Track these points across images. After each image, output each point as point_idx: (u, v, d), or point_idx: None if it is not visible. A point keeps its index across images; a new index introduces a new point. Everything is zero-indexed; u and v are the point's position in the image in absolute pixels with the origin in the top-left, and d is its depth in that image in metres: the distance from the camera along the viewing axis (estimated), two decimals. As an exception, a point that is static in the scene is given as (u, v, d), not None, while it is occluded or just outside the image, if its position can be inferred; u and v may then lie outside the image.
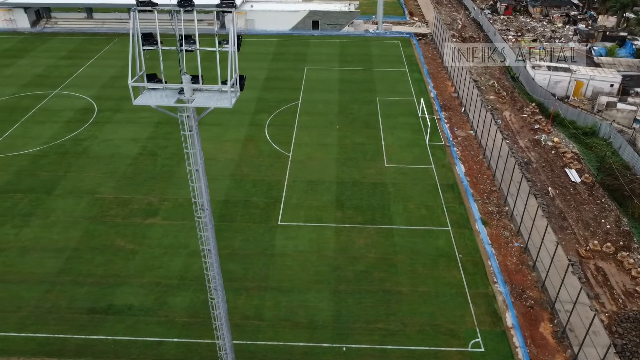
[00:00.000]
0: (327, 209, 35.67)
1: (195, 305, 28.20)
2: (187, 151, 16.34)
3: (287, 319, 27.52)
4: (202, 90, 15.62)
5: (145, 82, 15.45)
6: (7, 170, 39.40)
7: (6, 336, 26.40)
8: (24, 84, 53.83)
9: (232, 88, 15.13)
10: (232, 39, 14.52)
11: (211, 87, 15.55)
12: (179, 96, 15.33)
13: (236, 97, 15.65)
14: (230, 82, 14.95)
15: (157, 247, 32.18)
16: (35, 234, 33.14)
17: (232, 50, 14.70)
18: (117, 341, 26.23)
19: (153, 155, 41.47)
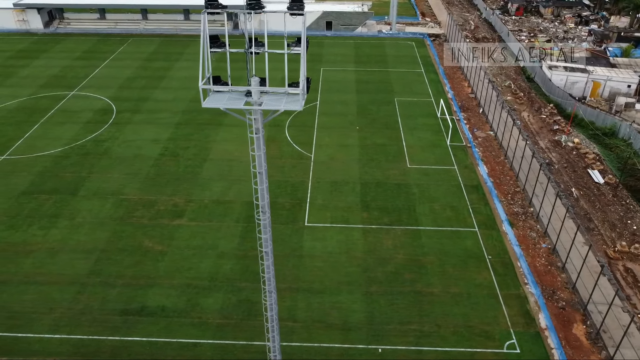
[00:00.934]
0: (353, 210, 35.67)
1: (227, 307, 28.18)
2: (252, 153, 16.28)
3: (320, 320, 27.52)
4: (269, 92, 15.50)
5: (211, 85, 15.36)
6: (30, 171, 39.39)
7: (41, 337, 26.41)
8: (41, 84, 53.83)
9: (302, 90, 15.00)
10: (304, 42, 14.46)
11: (278, 89, 15.47)
12: (246, 98, 15.26)
13: (304, 100, 15.59)
14: (302, 85, 14.86)
15: (185, 249, 32.17)
16: (62, 235, 33.14)
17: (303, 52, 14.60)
18: (152, 343, 26.22)
19: (175, 156, 41.46)
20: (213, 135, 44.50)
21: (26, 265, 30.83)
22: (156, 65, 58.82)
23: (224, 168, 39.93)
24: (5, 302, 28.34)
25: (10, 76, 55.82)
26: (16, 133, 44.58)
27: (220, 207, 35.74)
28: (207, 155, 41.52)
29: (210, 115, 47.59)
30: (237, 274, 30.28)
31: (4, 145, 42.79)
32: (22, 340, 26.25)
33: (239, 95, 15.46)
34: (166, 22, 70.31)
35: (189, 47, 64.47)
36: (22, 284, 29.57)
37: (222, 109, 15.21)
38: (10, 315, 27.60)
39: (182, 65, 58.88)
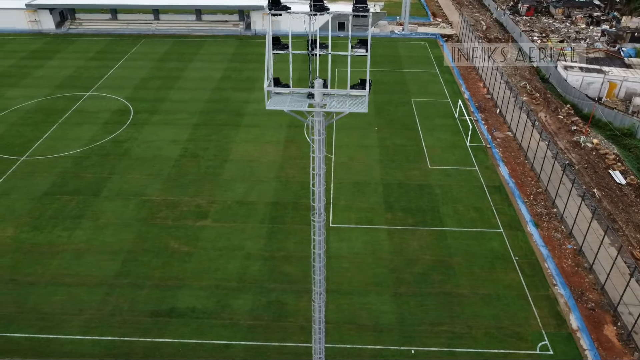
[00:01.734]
0: (377, 210, 35.63)
1: (258, 308, 28.12)
2: (313, 155, 16.19)
3: (351, 321, 27.47)
4: (331, 94, 15.41)
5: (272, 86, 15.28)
6: (51, 172, 39.35)
7: (72, 339, 26.35)
8: (56, 85, 53.79)
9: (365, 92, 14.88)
10: (369, 44, 14.38)
11: (340, 91, 15.40)
12: (307, 100, 15.18)
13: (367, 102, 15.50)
14: (368, 87, 14.78)
15: (211, 250, 32.12)
16: (87, 237, 33.08)
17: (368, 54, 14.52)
18: (184, 344, 26.16)
19: (195, 157, 41.40)
20: (232, 136, 44.45)
21: (53, 266, 30.79)
22: (170, 65, 58.78)
23: (245, 169, 39.87)
24: (34, 303, 28.29)
25: (25, 77, 55.78)
26: (35, 134, 44.54)
27: (243, 208, 35.69)
28: (227, 156, 41.46)
29: (228, 116, 47.58)
30: (265, 275, 30.22)
31: (23, 146, 42.75)
32: (54, 342, 26.21)
33: (301, 97, 15.35)
34: (178, 23, 70.25)
35: (202, 47, 64.42)
36: (49, 285, 29.53)
37: (286, 110, 15.11)
38: (40, 316, 27.56)
39: (196, 65, 58.82)
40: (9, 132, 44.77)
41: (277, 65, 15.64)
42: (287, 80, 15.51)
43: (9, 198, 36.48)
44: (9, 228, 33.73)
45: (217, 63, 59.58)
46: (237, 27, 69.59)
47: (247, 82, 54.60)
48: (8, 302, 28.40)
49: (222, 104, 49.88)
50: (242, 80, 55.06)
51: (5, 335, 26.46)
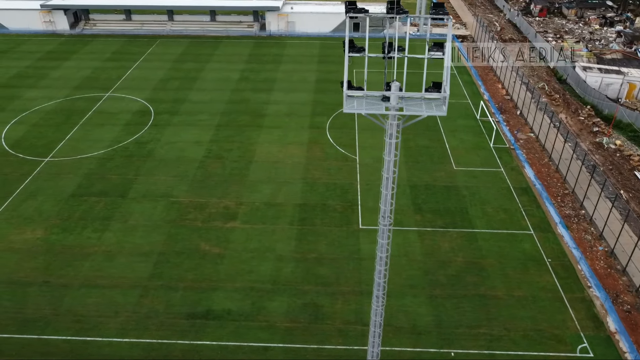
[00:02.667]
0: (405, 212, 35.54)
1: (293, 310, 28.03)
2: (387, 158, 16.08)
3: (388, 324, 27.30)
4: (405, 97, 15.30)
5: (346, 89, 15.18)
6: (77, 174, 39.26)
7: (110, 341, 26.26)
8: (74, 86, 53.69)
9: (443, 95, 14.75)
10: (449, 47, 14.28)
11: (414, 94, 15.30)
12: (384, 104, 15.07)
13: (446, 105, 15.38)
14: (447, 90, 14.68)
15: (243, 251, 32.02)
16: (117, 238, 32.99)
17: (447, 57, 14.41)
18: (222, 347, 26.08)
19: (220, 158, 41.31)
20: (254, 137, 44.36)
21: (85, 268, 30.69)
22: (187, 66, 58.69)
23: (270, 170, 39.78)
24: (69, 305, 28.21)
25: (43, 77, 55.70)
26: (57, 135, 44.44)
27: (271, 209, 35.60)
28: (251, 158, 41.37)
29: (249, 117, 47.51)
30: (298, 277, 30.13)
31: (47, 147, 42.66)
32: (92, 344, 26.12)
33: (375, 100, 15.25)
34: (192, 23, 70.18)
35: (217, 48, 64.36)
36: (83, 287, 29.44)
37: (364, 114, 15.03)
38: (76, 319, 27.47)
39: (213, 66, 58.74)
40: (31, 133, 44.68)
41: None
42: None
43: (36, 199, 36.40)
44: (39, 229, 33.65)
45: (234, 64, 59.48)
46: (252, 28, 69.52)
47: (266, 83, 54.50)
48: (43, 304, 28.32)
49: (242, 105, 49.79)
50: (260, 81, 54.96)
51: (43, 338, 26.38)
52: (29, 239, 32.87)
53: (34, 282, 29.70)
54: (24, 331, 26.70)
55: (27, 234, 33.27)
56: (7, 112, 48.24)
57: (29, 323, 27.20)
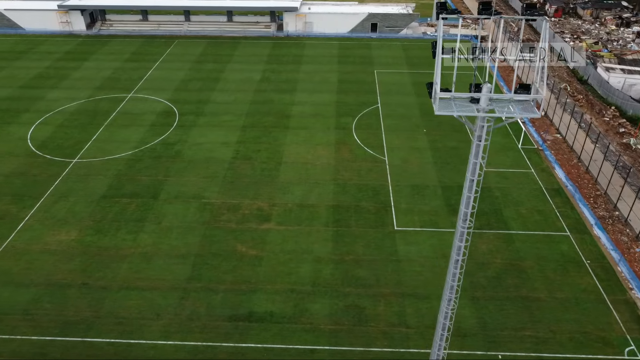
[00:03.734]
0: (439, 213, 35.39)
1: (336, 313, 27.86)
2: (473, 160, 15.89)
3: (432, 326, 27.05)
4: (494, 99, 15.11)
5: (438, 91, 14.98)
6: (106, 175, 39.11)
7: (155, 344, 26.10)
8: (96, 87, 53.55)
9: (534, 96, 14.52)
10: (546, 48, 14.09)
11: (504, 96, 15.12)
12: (474, 105, 14.89)
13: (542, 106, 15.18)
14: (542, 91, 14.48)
15: (280, 253, 31.87)
16: (153, 240, 32.84)
17: (544, 58, 14.21)
18: (268, 349, 25.93)
19: (248, 159, 41.16)
20: (281, 138, 44.21)
21: (123, 270, 30.54)
22: (208, 67, 58.56)
23: (300, 171, 39.62)
24: (110, 307, 28.06)
25: (64, 78, 55.56)
26: (83, 136, 44.29)
27: (305, 211, 35.44)
28: (280, 159, 41.20)
29: (274, 118, 47.36)
30: (338, 279, 29.97)
31: (73, 148, 42.51)
32: (136, 347, 25.97)
33: (463, 102, 15.07)
34: (209, 24, 70.02)
35: (236, 49, 64.20)
36: (122, 289, 29.29)
37: (455, 116, 14.87)
38: (118, 321, 27.32)
39: (234, 67, 58.58)
40: (57, 134, 44.53)
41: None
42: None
43: (68, 201, 36.25)
44: (73, 231, 33.49)
45: (254, 64, 59.33)
46: (269, 28, 69.38)
47: (288, 84, 54.35)
48: (83, 306, 28.17)
49: (266, 106, 49.64)
50: (282, 82, 54.81)
51: (87, 341, 26.23)
52: (63, 241, 32.72)
53: (73, 284, 29.56)
54: (66, 333, 26.56)
55: (62, 236, 33.13)
56: (31, 113, 48.10)
57: (71, 325, 27.06)
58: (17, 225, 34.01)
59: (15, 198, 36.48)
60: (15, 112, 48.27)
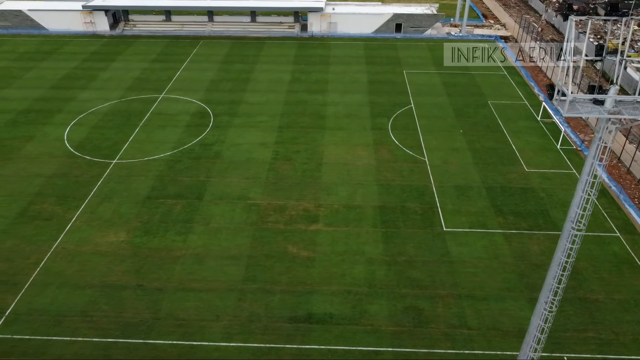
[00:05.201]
0: (487, 214, 35.28)
1: (396, 314, 27.77)
2: (592, 161, 15.74)
3: (494, 327, 27.12)
4: (618, 101, 14.97)
5: (570, 94, 14.79)
6: (148, 176, 39.02)
7: (217, 346, 26.02)
8: (126, 87, 53.47)
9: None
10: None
11: (628, 97, 14.99)
12: (599, 107, 14.72)
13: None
14: None
15: (331, 254, 31.77)
16: (203, 241, 32.74)
17: None
18: (331, 351, 25.83)
19: (289, 160, 41.06)
20: (319, 139, 44.11)
21: (176, 271, 30.46)
22: (236, 67, 58.46)
23: (342, 172, 39.52)
24: (169, 309, 27.97)
25: (93, 79, 55.46)
26: (119, 137, 44.20)
27: (351, 212, 35.35)
28: (320, 160, 41.11)
29: (310, 119, 47.28)
30: (393, 281, 29.87)
31: (112, 148, 42.42)
32: (199, 349, 25.88)
33: (584, 104, 14.90)
34: (233, 24, 69.92)
35: (262, 49, 64.10)
36: (178, 290, 29.20)
37: (584, 118, 14.73)
38: (178, 323, 27.24)
39: (261, 67, 58.50)
40: (93, 135, 44.44)
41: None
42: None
43: (112, 202, 36.16)
44: (121, 232, 33.41)
45: (281, 65, 59.24)
46: (293, 29, 69.29)
47: (318, 85, 54.26)
48: (141, 308, 28.08)
49: (300, 107, 49.55)
50: (313, 83, 54.72)
51: (149, 342, 26.15)
52: (113, 242, 32.64)
53: (128, 286, 29.48)
54: (128, 335, 26.48)
55: (111, 237, 33.05)
56: (64, 114, 48.02)
57: (131, 327, 26.97)
58: (64, 226, 33.94)
59: (60, 199, 36.39)
60: (48, 113, 48.19)
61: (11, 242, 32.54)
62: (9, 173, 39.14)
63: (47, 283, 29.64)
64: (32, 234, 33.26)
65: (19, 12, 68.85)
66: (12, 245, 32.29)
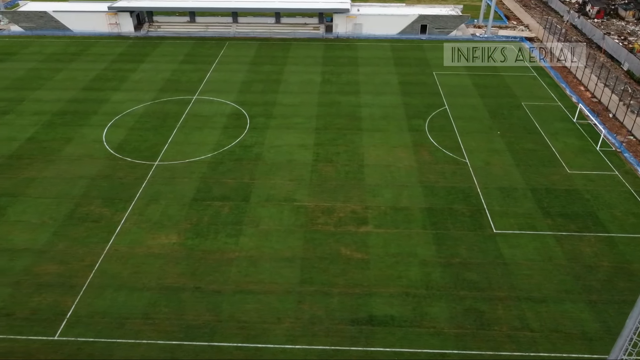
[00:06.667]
0: (534, 216, 35.28)
1: (457, 316, 27.79)
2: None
3: (556, 330, 27.13)
4: None
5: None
6: (191, 177, 39.05)
7: (283, 348, 26.04)
8: (159, 88, 53.50)
9: None
10: None
11: None
12: None
13: None
14: None
15: (385, 256, 31.79)
16: (255, 243, 32.75)
17: None
18: (397, 353, 25.84)
19: (330, 162, 41.07)
20: (357, 140, 44.14)
21: (232, 274, 30.48)
22: (265, 69, 58.49)
23: (384, 174, 39.55)
24: (229, 311, 27.99)
25: (124, 80, 55.51)
26: (158, 138, 44.23)
27: (399, 213, 35.37)
28: (362, 161, 41.14)
29: (346, 120, 47.31)
30: (449, 283, 29.89)
31: (151, 150, 42.44)
32: (265, 351, 25.90)
33: None
34: (258, 26, 69.96)
35: (289, 50, 64.12)
36: (237, 293, 29.22)
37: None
38: (240, 325, 27.26)
39: (291, 69, 58.51)
40: (131, 137, 44.47)
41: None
42: None
43: (159, 204, 36.19)
44: (172, 234, 33.44)
45: (311, 66, 59.29)
46: (318, 30, 69.32)
47: (350, 86, 54.29)
48: (202, 310, 28.11)
49: (334, 108, 49.58)
50: (344, 84, 54.74)
51: (214, 345, 26.18)
52: (165, 244, 32.66)
53: (185, 288, 29.49)
54: (192, 338, 26.51)
55: (162, 239, 33.08)
56: (100, 115, 48.05)
57: (194, 329, 27.00)
58: (114, 228, 33.96)
59: (107, 201, 36.42)
60: (84, 115, 48.22)
61: (63, 245, 32.58)
62: (52, 175, 39.17)
63: (104, 285, 29.67)
64: (83, 236, 33.29)
65: (43, 13, 68.88)
66: (65, 248, 32.34)
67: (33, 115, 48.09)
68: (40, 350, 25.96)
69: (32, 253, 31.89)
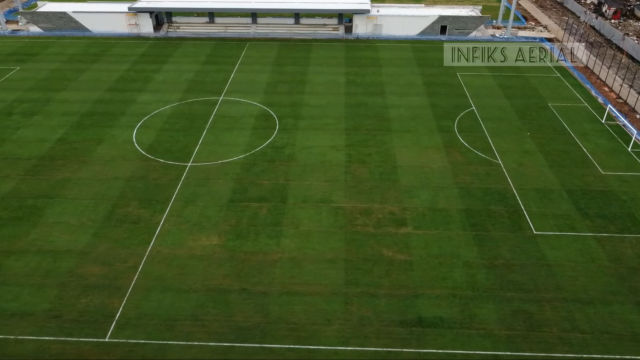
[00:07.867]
0: (573, 217, 35.27)
1: (506, 318, 27.77)
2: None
3: (607, 331, 27.10)
4: None
5: None
6: (226, 179, 39.04)
7: (336, 350, 26.00)
8: (184, 89, 53.51)
9: None
10: None
11: None
12: None
13: None
14: None
15: (428, 258, 31.79)
16: (296, 245, 32.74)
17: None
18: (449, 355, 25.83)
19: (363, 163, 41.08)
20: (388, 141, 44.14)
21: (277, 275, 30.47)
22: (289, 70, 58.50)
23: (419, 175, 39.54)
24: (278, 313, 27.98)
25: (148, 81, 55.52)
26: (188, 139, 44.23)
27: (438, 215, 35.37)
28: (394, 162, 41.14)
29: (374, 121, 47.32)
30: (495, 284, 29.89)
31: (183, 151, 42.44)
32: (318, 353, 25.88)
33: None
34: (277, 26, 69.99)
35: (310, 51, 64.14)
36: (283, 294, 29.21)
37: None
38: (290, 327, 27.25)
39: (315, 70, 58.54)
40: (162, 138, 44.46)
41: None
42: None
43: (197, 205, 36.19)
44: (213, 236, 33.43)
45: (333, 67, 59.30)
46: (338, 31, 69.34)
47: (375, 87, 54.29)
48: (250, 312, 28.10)
49: (362, 109, 49.59)
50: (369, 85, 54.74)
51: (266, 347, 26.18)
52: (207, 246, 32.66)
53: (231, 290, 29.50)
54: (243, 340, 26.50)
55: (203, 241, 33.07)
56: (128, 116, 48.06)
57: (245, 331, 26.99)
58: (154, 230, 33.96)
59: (144, 202, 36.42)
60: (112, 115, 48.23)
61: (105, 246, 32.57)
62: (87, 176, 39.17)
63: (149, 287, 29.67)
64: (124, 237, 33.29)
65: (63, 14, 68.90)
66: (107, 249, 32.33)
67: (61, 116, 48.10)
68: (93, 352, 25.96)
69: (75, 254, 31.90)
